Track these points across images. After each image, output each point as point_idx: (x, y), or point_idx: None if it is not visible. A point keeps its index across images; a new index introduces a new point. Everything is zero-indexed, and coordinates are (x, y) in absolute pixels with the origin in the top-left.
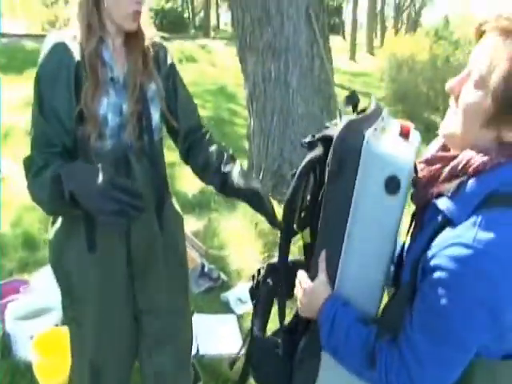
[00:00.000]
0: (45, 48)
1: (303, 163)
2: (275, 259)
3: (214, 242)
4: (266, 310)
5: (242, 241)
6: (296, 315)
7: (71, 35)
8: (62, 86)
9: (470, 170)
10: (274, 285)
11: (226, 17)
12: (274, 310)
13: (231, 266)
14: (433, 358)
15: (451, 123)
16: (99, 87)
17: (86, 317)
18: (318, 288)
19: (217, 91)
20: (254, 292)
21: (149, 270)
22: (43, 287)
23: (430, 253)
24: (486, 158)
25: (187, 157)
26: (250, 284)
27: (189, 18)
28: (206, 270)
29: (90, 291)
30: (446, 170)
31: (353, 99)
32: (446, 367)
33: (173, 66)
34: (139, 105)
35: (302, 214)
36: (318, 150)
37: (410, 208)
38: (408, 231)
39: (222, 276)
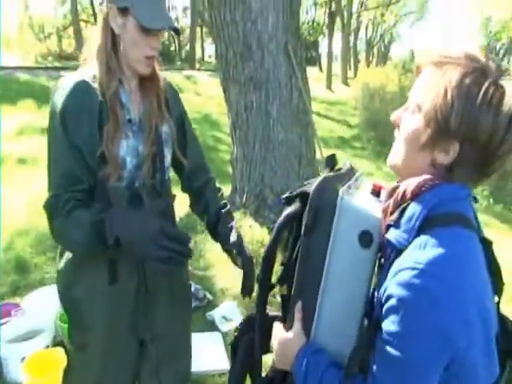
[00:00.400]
0: (65, 87)
1: (281, 218)
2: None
3: (199, 263)
4: (244, 365)
5: (226, 261)
6: (272, 368)
7: (91, 75)
8: (87, 126)
9: (408, 195)
10: (251, 339)
11: (210, 49)
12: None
13: (216, 285)
14: None
15: (395, 153)
16: (119, 129)
17: (93, 343)
18: (293, 339)
19: (202, 119)
20: (234, 346)
21: (155, 298)
22: (34, 310)
23: (383, 287)
24: (420, 180)
25: (189, 195)
26: (234, 302)
27: (175, 50)
28: (192, 289)
29: (98, 319)
30: (391, 201)
31: (331, 161)
32: None
33: (183, 107)
34: (154, 146)
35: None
36: (295, 206)
37: None
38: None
39: (208, 295)
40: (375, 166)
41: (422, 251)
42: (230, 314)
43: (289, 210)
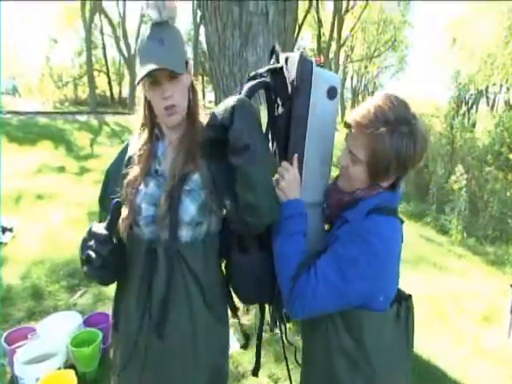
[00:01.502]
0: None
1: (252, 83)
2: None
3: None
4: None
5: None
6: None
7: (138, 132)
8: (114, 181)
9: (362, 196)
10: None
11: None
12: None
13: None
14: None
15: (344, 183)
16: (140, 178)
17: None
18: (294, 181)
19: None
20: None
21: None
22: (48, 334)
23: (338, 232)
24: (374, 191)
25: None
26: None
27: None
28: None
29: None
30: (348, 198)
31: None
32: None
33: (246, 143)
34: (173, 197)
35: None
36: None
37: None
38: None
39: None
40: None
41: (366, 222)
42: None
43: (256, 81)
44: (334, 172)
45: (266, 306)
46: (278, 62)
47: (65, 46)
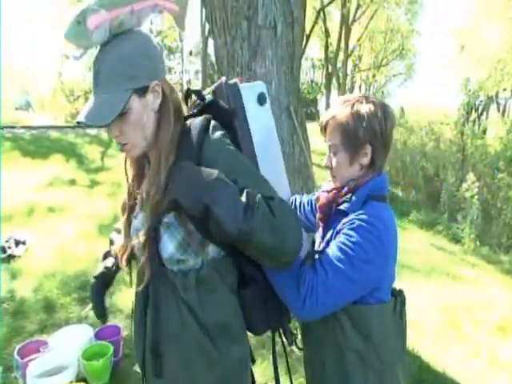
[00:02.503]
0: None
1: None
2: None
3: None
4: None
5: None
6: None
7: None
8: None
9: (354, 188)
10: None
11: None
12: None
13: None
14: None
15: (337, 175)
16: (129, 207)
17: None
18: None
19: None
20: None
21: None
22: (60, 347)
23: (334, 229)
24: (358, 181)
25: None
26: None
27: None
28: None
29: None
30: (343, 191)
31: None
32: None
33: (229, 169)
34: (147, 230)
35: None
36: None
37: None
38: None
39: None
40: None
41: (365, 210)
42: None
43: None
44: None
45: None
46: (202, 99)
47: (76, 61)
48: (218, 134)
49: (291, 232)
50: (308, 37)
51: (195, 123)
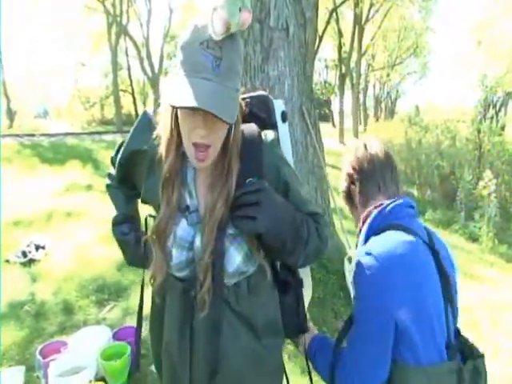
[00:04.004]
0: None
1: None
2: None
3: None
4: None
5: None
6: None
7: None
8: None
9: (360, 230)
10: None
11: None
12: None
13: None
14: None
15: (356, 223)
16: (171, 219)
17: None
18: None
19: None
20: None
21: None
22: (79, 347)
23: None
24: (366, 215)
25: None
26: None
27: None
28: None
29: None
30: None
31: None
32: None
33: (287, 176)
34: (213, 247)
35: None
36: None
37: None
38: None
39: None
40: None
41: (365, 246)
42: None
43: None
44: None
45: None
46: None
47: (92, 68)
48: (273, 141)
49: (327, 244)
50: (321, 37)
51: (250, 131)
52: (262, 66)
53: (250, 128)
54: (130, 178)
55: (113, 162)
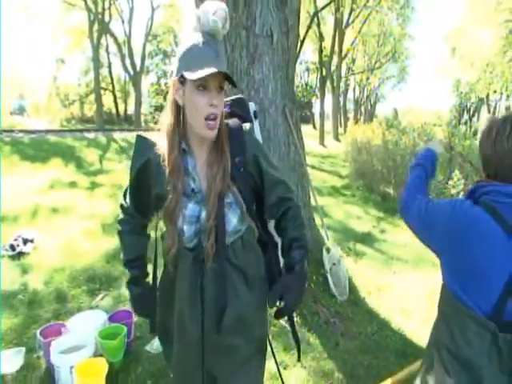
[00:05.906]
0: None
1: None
2: None
3: None
4: None
5: None
6: None
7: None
8: (141, 178)
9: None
10: None
11: None
12: None
13: None
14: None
15: None
16: (179, 203)
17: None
18: None
19: None
20: None
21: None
22: (78, 329)
23: None
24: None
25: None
26: None
27: None
28: None
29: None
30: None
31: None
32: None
33: (255, 154)
34: (216, 213)
35: None
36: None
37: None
38: None
39: None
40: (363, 211)
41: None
42: None
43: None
44: None
45: None
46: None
47: (71, 65)
48: (250, 129)
49: (303, 220)
50: (302, 41)
51: (234, 123)
52: (247, 70)
53: (234, 121)
54: (145, 193)
55: (124, 195)
